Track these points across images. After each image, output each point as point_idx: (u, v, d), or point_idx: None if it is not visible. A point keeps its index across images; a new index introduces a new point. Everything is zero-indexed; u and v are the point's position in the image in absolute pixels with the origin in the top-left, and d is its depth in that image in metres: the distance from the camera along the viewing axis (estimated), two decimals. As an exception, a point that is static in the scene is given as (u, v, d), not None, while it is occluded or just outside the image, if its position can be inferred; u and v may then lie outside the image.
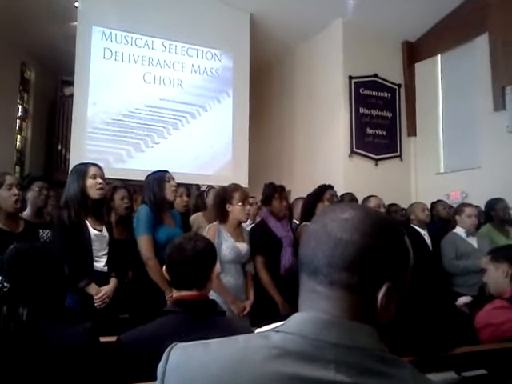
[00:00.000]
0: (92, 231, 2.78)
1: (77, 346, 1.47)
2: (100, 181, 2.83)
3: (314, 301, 0.73)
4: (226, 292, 3.03)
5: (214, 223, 3.26)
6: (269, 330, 0.74)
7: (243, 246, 3.20)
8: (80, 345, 1.47)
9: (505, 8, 5.99)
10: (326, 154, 7.16)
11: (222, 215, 3.22)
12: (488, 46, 6.24)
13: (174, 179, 3.25)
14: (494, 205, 4.44)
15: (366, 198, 4.14)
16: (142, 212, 3.10)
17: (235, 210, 3.19)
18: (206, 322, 1.59)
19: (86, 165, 2.91)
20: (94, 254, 2.77)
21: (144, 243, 3.02)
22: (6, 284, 1.52)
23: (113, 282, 2.83)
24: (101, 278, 2.78)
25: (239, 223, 3.28)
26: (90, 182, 2.80)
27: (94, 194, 2.81)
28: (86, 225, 2.77)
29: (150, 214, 3.07)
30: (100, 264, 2.81)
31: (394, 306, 0.72)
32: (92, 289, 2.70)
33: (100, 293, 2.71)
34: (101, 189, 2.83)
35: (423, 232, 4.33)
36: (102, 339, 1.60)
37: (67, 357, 1.44)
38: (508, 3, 5.94)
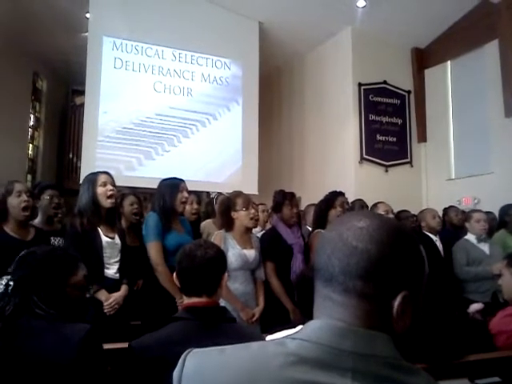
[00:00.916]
0: (104, 238, 2.80)
1: (68, 348, 1.41)
2: (110, 187, 2.86)
3: (328, 308, 0.73)
4: (234, 299, 3.02)
5: (221, 231, 3.27)
6: (284, 337, 0.73)
7: (251, 253, 3.19)
8: (72, 346, 1.42)
9: (515, 13, 5.97)
10: (336, 161, 7.15)
11: (227, 223, 3.23)
12: (498, 51, 6.22)
13: (187, 190, 3.24)
14: (508, 210, 4.40)
15: (375, 205, 4.13)
16: (151, 219, 3.12)
17: (240, 215, 3.19)
18: (216, 328, 1.58)
19: (96, 173, 2.95)
20: (106, 261, 2.79)
21: (153, 249, 3.03)
22: (10, 283, 1.55)
23: (123, 288, 2.84)
24: (112, 285, 2.79)
25: (247, 230, 3.27)
26: (100, 189, 2.83)
27: (105, 202, 2.83)
28: (98, 232, 2.79)
29: (159, 221, 3.08)
30: (111, 271, 2.82)
31: (409, 314, 0.71)
32: (102, 295, 2.72)
33: (110, 299, 2.73)
34: (111, 196, 2.86)
35: (435, 238, 4.30)
36: (114, 346, 1.60)
37: (55, 358, 1.40)
38: (518, 9, 5.93)
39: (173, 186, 3.19)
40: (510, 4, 6.01)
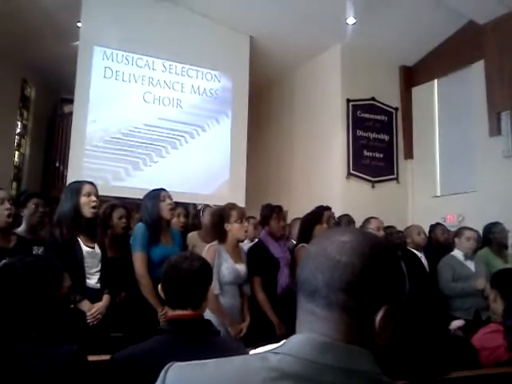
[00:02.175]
0: (84, 248, 2.77)
1: (54, 376, 1.28)
2: (94, 199, 2.82)
3: (311, 322, 0.73)
4: (224, 314, 2.99)
5: (213, 243, 3.21)
6: (267, 352, 0.73)
7: (242, 268, 3.18)
8: (58, 373, 1.29)
9: (500, 36, 6.10)
10: (323, 176, 7.19)
11: (220, 235, 3.19)
12: (484, 72, 6.34)
13: (170, 197, 3.24)
14: (491, 229, 4.45)
15: (367, 220, 4.12)
16: (138, 229, 3.12)
17: (234, 228, 3.16)
18: (200, 341, 1.57)
19: (81, 182, 2.92)
20: (87, 271, 2.76)
21: (137, 260, 3.02)
22: None
23: (105, 298, 2.81)
24: (93, 295, 2.76)
25: (237, 243, 3.26)
26: (83, 199, 2.79)
27: (87, 212, 2.80)
28: (78, 242, 2.75)
29: (146, 232, 3.07)
30: (92, 281, 2.79)
31: (390, 328, 0.72)
32: (84, 305, 2.69)
33: (92, 309, 2.70)
34: (94, 207, 2.83)
35: (420, 254, 4.33)
36: (95, 358, 1.58)
37: None
38: (503, 31, 6.06)
39: (153, 196, 3.20)
40: (495, 26, 6.15)
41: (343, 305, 0.70)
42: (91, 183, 2.92)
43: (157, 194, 3.20)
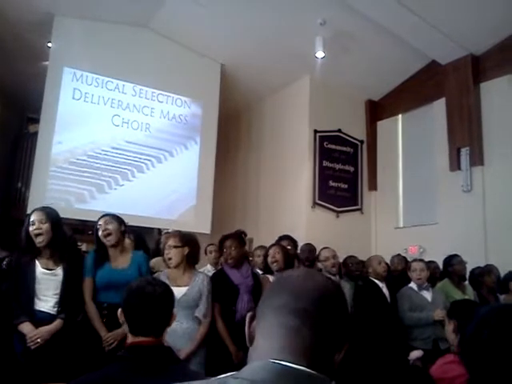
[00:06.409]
0: (40, 270, 2.76)
1: None
2: (36, 227, 2.81)
3: (275, 342, 0.75)
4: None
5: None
6: (227, 376, 0.74)
7: (179, 290, 2.98)
8: None
9: (460, 76, 6.40)
10: (289, 204, 7.25)
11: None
12: (445, 110, 6.60)
13: (105, 222, 3.12)
14: (450, 261, 4.58)
15: (320, 250, 4.22)
16: (88, 255, 3.16)
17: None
18: (160, 369, 1.55)
19: (33, 211, 2.94)
20: (41, 293, 2.73)
21: (83, 286, 2.99)
22: None
23: (55, 323, 2.74)
24: (45, 319, 2.71)
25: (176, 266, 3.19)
26: (30, 228, 2.83)
27: (35, 240, 2.81)
28: (33, 264, 2.77)
29: (92, 257, 3.08)
30: (48, 304, 2.75)
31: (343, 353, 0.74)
32: (25, 327, 2.63)
33: (32, 333, 2.62)
34: (39, 234, 2.80)
35: (381, 284, 4.39)
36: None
37: None
38: (462, 72, 6.37)
39: (97, 222, 3.18)
40: (455, 66, 6.45)
41: (303, 331, 0.72)
42: (41, 209, 2.92)
43: (98, 220, 3.19)
